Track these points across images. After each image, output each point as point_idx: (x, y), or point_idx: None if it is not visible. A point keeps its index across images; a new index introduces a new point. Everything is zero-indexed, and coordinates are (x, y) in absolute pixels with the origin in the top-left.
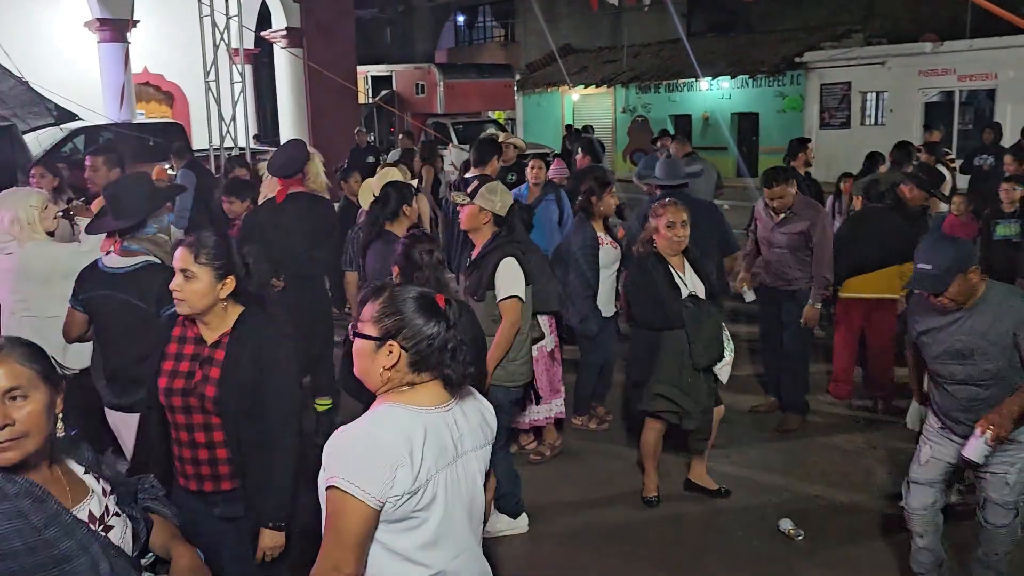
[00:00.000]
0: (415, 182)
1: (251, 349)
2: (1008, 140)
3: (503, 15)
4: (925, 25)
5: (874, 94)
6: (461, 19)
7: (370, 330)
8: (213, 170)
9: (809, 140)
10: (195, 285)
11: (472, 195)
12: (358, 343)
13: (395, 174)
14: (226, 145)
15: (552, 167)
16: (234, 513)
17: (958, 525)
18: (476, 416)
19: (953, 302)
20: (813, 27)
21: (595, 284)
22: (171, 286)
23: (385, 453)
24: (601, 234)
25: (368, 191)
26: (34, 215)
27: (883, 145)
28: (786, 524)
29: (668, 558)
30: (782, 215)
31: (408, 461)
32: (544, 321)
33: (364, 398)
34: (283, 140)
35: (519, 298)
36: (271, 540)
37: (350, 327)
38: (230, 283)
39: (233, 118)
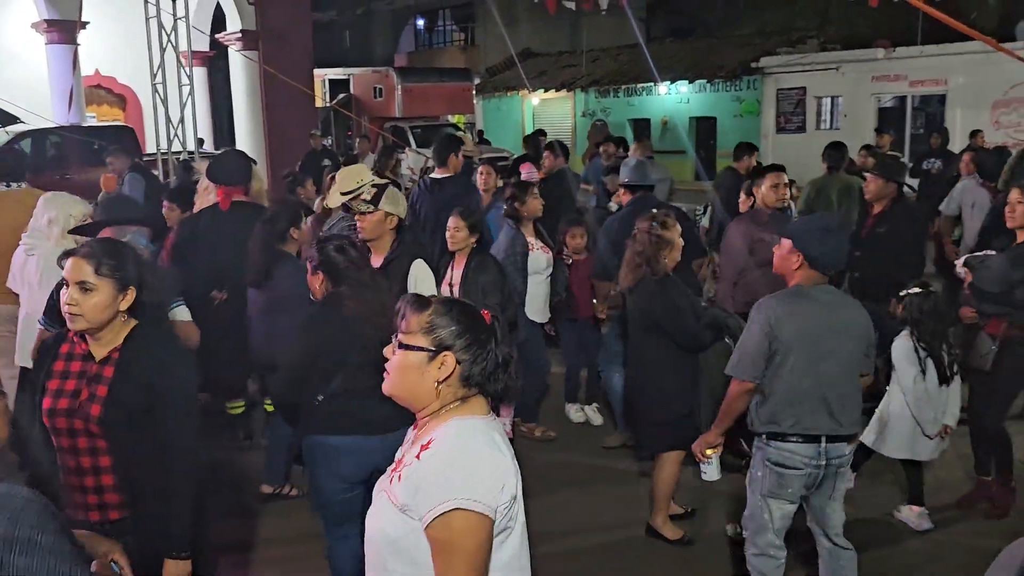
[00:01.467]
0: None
1: (143, 366)
2: (957, 144)
3: (463, 19)
4: (878, 31)
5: (829, 99)
6: (420, 23)
7: (421, 341)
8: (160, 175)
9: (756, 148)
10: (94, 299)
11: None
12: (403, 356)
13: (360, 172)
14: (174, 149)
15: (524, 171)
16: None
17: None
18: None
19: None
20: (769, 33)
21: (523, 292)
22: (65, 300)
23: (488, 461)
24: (531, 239)
25: (335, 193)
26: (71, 224)
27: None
28: (732, 529)
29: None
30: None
31: (509, 464)
32: None
33: (299, 419)
34: (239, 144)
35: None
36: (176, 570)
37: (395, 339)
38: (130, 295)
39: (181, 121)
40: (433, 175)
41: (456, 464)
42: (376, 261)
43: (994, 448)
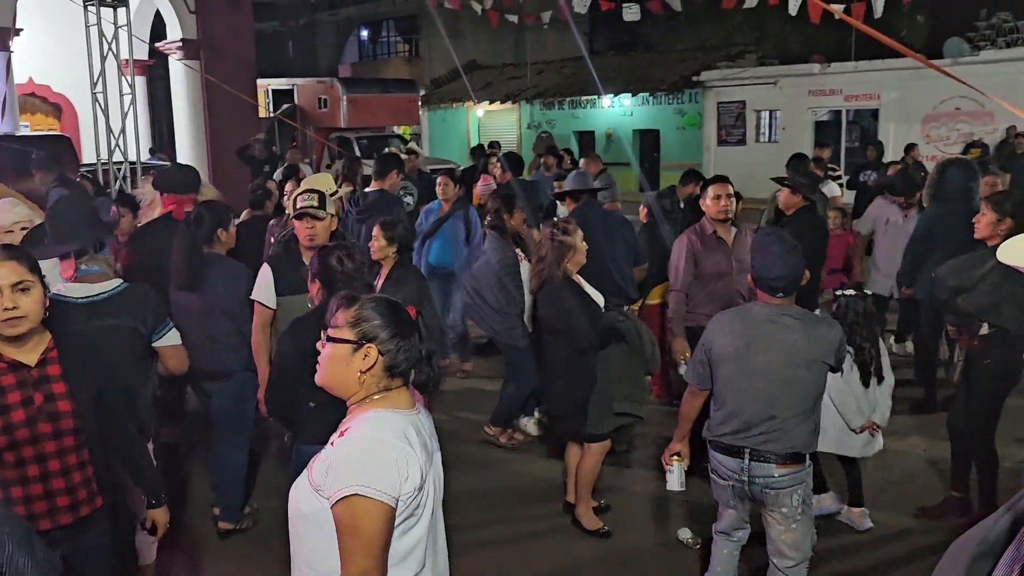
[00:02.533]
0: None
1: (84, 351)
2: (890, 157)
3: (407, 31)
4: (813, 47)
5: (767, 112)
6: (364, 34)
7: (346, 334)
8: (102, 184)
9: (702, 177)
10: (34, 295)
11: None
12: (332, 349)
13: (326, 180)
14: (115, 159)
15: (480, 183)
16: (94, 534)
17: None
18: (431, 419)
19: None
20: (709, 47)
21: (521, 301)
22: (5, 304)
23: (394, 453)
24: (517, 251)
25: (292, 199)
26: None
27: (778, 161)
28: (685, 533)
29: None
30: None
31: (414, 456)
32: None
33: (293, 424)
34: (180, 154)
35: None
36: (163, 516)
37: (323, 333)
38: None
39: (123, 131)
40: (370, 188)
41: (363, 452)
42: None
43: (954, 454)
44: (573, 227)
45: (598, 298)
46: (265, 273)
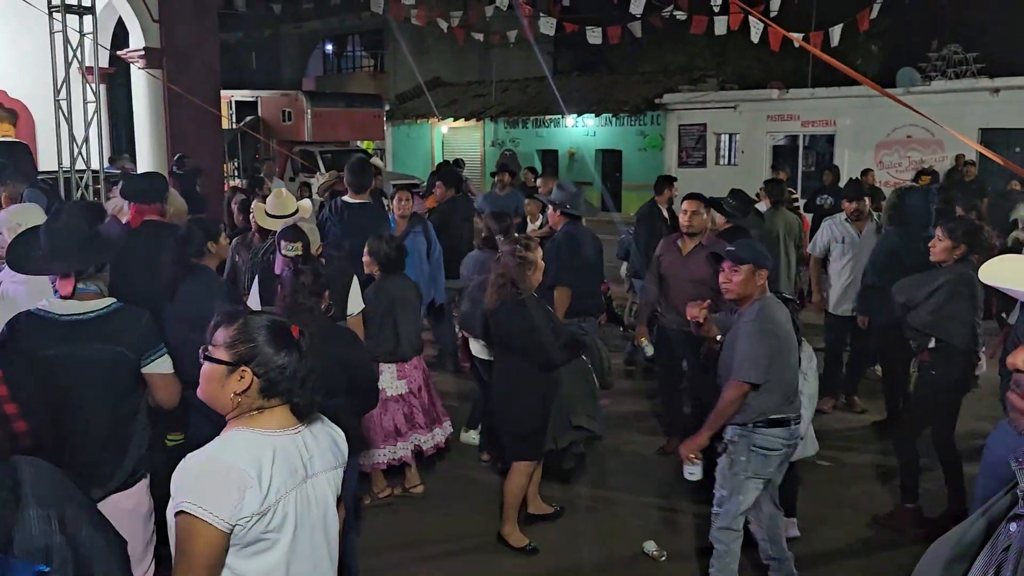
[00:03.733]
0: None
1: (29, 369)
2: (845, 182)
3: (372, 45)
4: (771, 74)
5: (727, 136)
6: (329, 47)
7: (222, 355)
8: (62, 193)
9: (675, 179)
10: None
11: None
12: (208, 367)
13: (290, 203)
14: (78, 168)
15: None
16: None
17: None
18: (326, 438)
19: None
20: (671, 71)
21: None
22: None
23: (232, 476)
24: None
25: (262, 212)
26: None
27: (736, 183)
28: (650, 546)
29: None
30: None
31: (256, 483)
32: (391, 368)
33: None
34: (140, 162)
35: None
36: None
37: (200, 351)
38: None
39: (86, 140)
40: (346, 199)
41: (199, 469)
42: None
43: (901, 467)
44: (535, 244)
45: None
46: (255, 290)
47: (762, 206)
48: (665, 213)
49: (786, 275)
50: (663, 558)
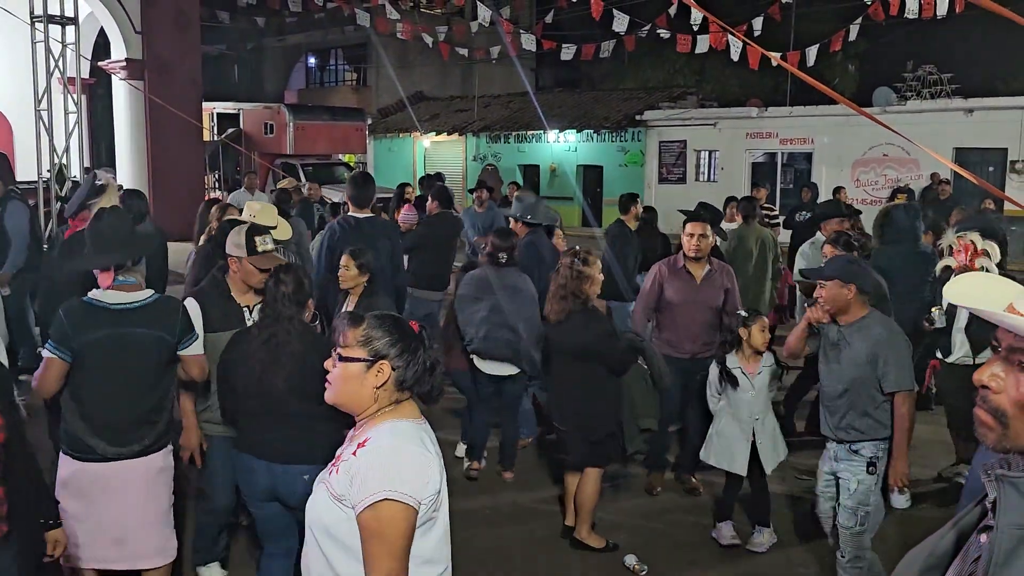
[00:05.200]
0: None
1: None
2: (823, 199)
3: (355, 59)
4: (750, 91)
5: (707, 152)
6: (312, 61)
7: (359, 353)
8: (41, 203)
9: (638, 195)
10: None
11: None
12: (344, 368)
13: (271, 214)
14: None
15: (403, 210)
16: (10, 551)
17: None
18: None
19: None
20: (651, 88)
21: None
22: None
23: (415, 459)
24: None
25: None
26: None
27: (716, 200)
28: (631, 560)
29: None
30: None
31: (434, 460)
32: None
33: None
34: (121, 173)
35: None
36: (60, 536)
37: (335, 353)
38: None
39: (67, 150)
40: (354, 214)
41: (388, 460)
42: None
43: None
44: (594, 258)
45: None
46: (192, 307)
47: (733, 224)
48: (632, 230)
49: (758, 289)
50: (644, 572)
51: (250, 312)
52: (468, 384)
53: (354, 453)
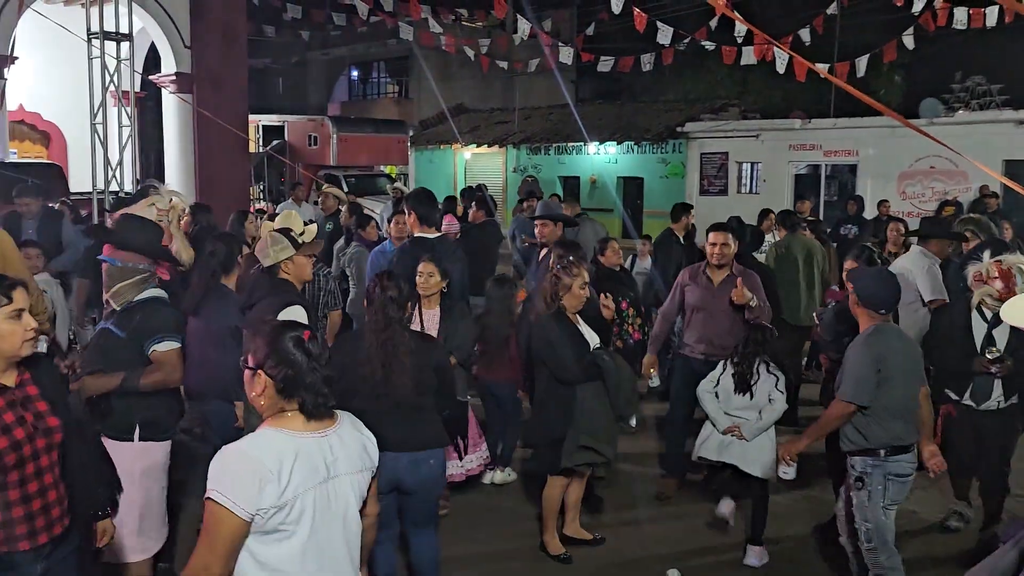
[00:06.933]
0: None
1: (45, 374)
2: (869, 212)
3: (397, 72)
4: (793, 103)
5: (749, 164)
6: (355, 74)
7: (248, 360)
8: (95, 214)
9: (691, 206)
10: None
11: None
12: (244, 373)
13: (295, 218)
14: (111, 189)
15: (444, 221)
16: (72, 544)
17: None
18: (356, 443)
19: None
20: (693, 99)
21: None
22: (28, 328)
23: (254, 469)
24: None
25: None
26: None
27: (758, 212)
28: (674, 574)
29: None
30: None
31: (275, 478)
32: None
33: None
34: (169, 185)
35: None
36: (110, 526)
37: (240, 360)
38: None
39: (120, 162)
40: (423, 235)
41: (227, 462)
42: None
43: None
44: (578, 269)
45: (592, 338)
46: (299, 312)
47: (777, 236)
48: (682, 240)
49: (800, 299)
50: None
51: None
52: (506, 393)
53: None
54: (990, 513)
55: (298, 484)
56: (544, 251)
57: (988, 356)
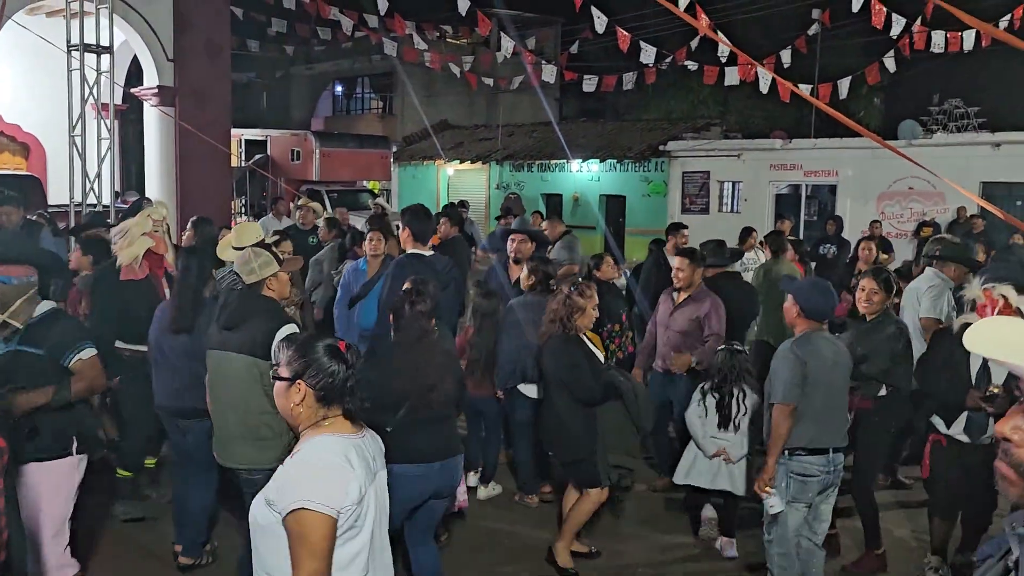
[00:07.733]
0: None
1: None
2: (848, 232)
3: (381, 88)
4: (774, 123)
5: (730, 183)
6: (339, 89)
7: (284, 372)
8: (57, 224)
9: (685, 226)
10: None
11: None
12: (277, 385)
13: (254, 229)
14: (89, 202)
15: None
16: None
17: None
18: (377, 445)
19: None
20: (675, 118)
21: None
22: None
23: (334, 471)
24: None
25: (227, 246)
26: None
27: (738, 231)
28: None
29: None
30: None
31: (353, 475)
32: None
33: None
34: (150, 197)
35: None
36: None
37: (271, 372)
38: None
39: (98, 175)
40: (418, 251)
41: (308, 472)
42: None
43: (862, 514)
44: (590, 292)
45: (599, 355)
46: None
47: (761, 255)
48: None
49: (781, 324)
50: None
51: None
52: (492, 409)
53: (284, 463)
54: (967, 538)
55: (363, 479)
56: (517, 267)
57: (987, 393)
